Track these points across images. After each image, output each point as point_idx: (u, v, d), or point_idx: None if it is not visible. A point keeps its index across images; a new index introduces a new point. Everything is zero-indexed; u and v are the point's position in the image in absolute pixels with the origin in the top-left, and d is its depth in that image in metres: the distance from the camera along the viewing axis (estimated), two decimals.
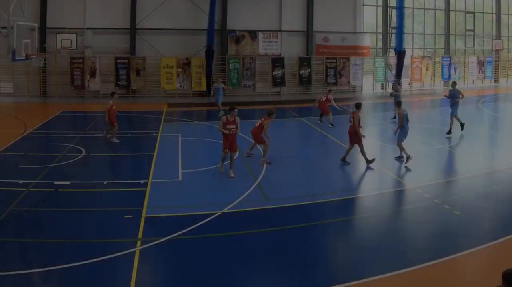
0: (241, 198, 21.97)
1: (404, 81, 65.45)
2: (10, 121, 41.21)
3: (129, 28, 56.29)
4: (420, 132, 37.04)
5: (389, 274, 14.90)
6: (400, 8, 62.12)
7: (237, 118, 25.28)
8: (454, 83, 36.61)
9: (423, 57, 67.77)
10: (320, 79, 61.99)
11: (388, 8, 66.64)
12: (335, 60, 61.96)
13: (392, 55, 65.61)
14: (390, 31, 66.56)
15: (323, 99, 40.13)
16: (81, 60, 54.47)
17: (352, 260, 16.53)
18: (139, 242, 17.14)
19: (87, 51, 55.50)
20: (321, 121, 40.94)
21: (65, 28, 53.98)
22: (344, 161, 28.08)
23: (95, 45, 55.99)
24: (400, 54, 63.25)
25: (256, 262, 16.11)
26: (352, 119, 27.63)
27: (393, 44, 65.50)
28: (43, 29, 53.43)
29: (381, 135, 37.09)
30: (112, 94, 35.29)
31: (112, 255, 15.98)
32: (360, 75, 63.25)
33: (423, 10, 70.29)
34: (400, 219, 20.10)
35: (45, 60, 50.64)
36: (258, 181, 24.54)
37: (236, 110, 25.19)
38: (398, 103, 30.68)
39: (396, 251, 16.80)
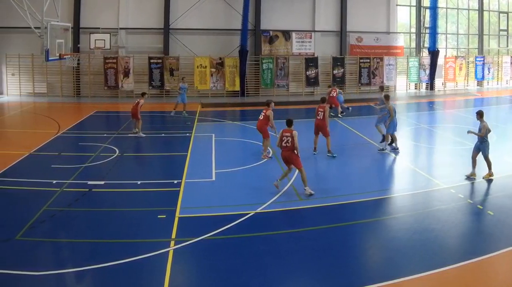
0: (275, 198, 21.41)
1: (438, 81, 63.70)
2: (44, 121, 40.49)
3: (162, 28, 54.87)
4: (454, 132, 36.66)
5: (422, 274, 14.59)
6: (433, 8, 60.41)
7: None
8: (382, 87, 34.48)
9: (456, 57, 65.28)
10: (353, 79, 60.08)
11: (422, 8, 64.32)
12: (368, 60, 59.99)
13: (425, 55, 63.55)
14: (424, 31, 64.31)
15: (334, 95, 41.83)
16: (114, 60, 53.32)
17: (385, 260, 16.06)
18: (172, 242, 16.83)
19: (120, 51, 54.44)
20: (342, 114, 42.96)
21: (98, 28, 52.78)
22: (315, 152, 29.24)
23: (128, 45, 55.06)
24: (434, 54, 61.60)
25: (289, 262, 15.63)
26: (321, 113, 28.88)
27: (426, 44, 63.52)
28: (76, 29, 52.63)
29: (415, 136, 35.94)
30: (143, 94, 35.80)
31: (146, 255, 15.68)
32: (394, 75, 61.24)
33: (456, 10, 67.65)
34: (433, 218, 19.25)
35: (78, 60, 49.73)
36: (292, 181, 23.68)
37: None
38: (386, 97, 30.73)
39: (430, 251, 16.26)
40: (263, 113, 28.77)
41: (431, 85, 63.17)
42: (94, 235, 17.63)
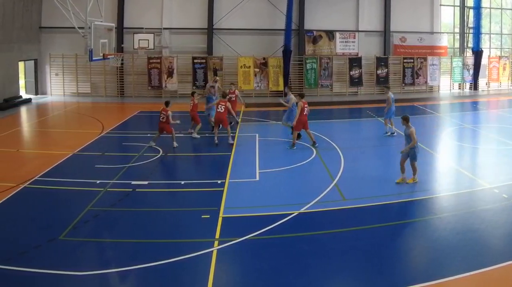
0: (319, 198, 20.88)
1: (482, 81, 60.44)
2: (88, 121, 39.56)
3: (206, 28, 52.53)
4: (497, 132, 35.71)
5: (465, 274, 14.28)
6: (477, 8, 57.20)
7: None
8: (387, 87, 33.13)
9: (500, 57, 61.46)
10: (397, 79, 56.82)
11: (466, 8, 60.65)
12: (412, 60, 56.77)
13: (469, 55, 60.06)
14: (468, 31, 60.67)
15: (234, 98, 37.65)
16: (158, 60, 51.34)
17: (428, 260, 15.50)
18: (216, 242, 16.54)
19: (164, 51, 52.25)
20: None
21: (142, 28, 50.18)
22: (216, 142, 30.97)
23: (172, 45, 52.80)
24: (478, 54, 58.21)
25: (333, 262, 15.39)
26: (223, 107, 30.87)
27: (470, 44, 59.95)
28: (120, 29, 50.73)
29: (458, 136, 34.74)
30: (193, 93, 34.56)
31: (190, 255, 15.46)
32: (438, 75, 57.95)
33: (500, 10, 63.49)
34: (477, 219, 18.68)
35: (122, 60, 46.92)
36: (335, 180, 23.28)
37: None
38: (387, 87, 34.38)
39: (473, 251, 15.85)
40: (224, 105, 30.56)
41: (474, 85, 59.84)
42: (137, 235, 17.30)
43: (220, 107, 30.34)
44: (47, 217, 18.77)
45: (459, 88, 61.44)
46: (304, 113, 29.60)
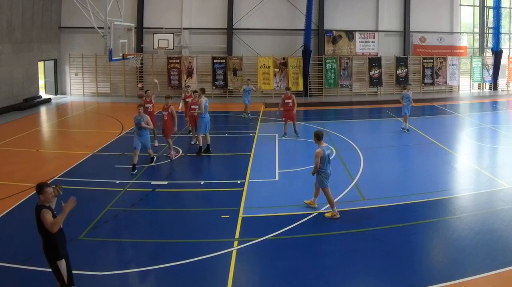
0: (338, 198, 20.36)
1: (502, 81, 58.90)
2: (107, 121, 39.19)
3: (226, 28, 51.67)
4: None
5: (485, 274, 14.08)
6: (497, 8, 55.84)
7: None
8: (202, 90, 31.27)
9: None
10: (417, 79, 55.55)
11: (485, 8, 59.12)
12: (432, 60, 55.52)
13: (489, 55, 58.59)
14: (487, 31, 59.20)
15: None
16: (178, 60, 50.55)
17: (448, 260, 15.32)
18: (236, 242, 16.37)
19: (184, 51, 51.39)
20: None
21: (162, 28, 49.40)
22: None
23: (192, 45, 51.97)
24: (497, 54, 56.83)
25: (353, 262, 15.12)
26: (166, 114, 27.82)
27: (490, 44, 58.50)
28: (140, 29, 50.07)
29: (478, 136, 34.03)
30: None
31: (209, 255, 15.32)
32: (457, 75, 56.62)
33: None
34: (497, 219, 18.36)
35: (142, 60, 46.20)
36: (355, 181, 22.94)
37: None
38: (407, 87, 34.67)
39: (493, 251, 15.55)
40: (168, 113, 27.53)
41: (494, 85, 58.37)
42: (157, 235, 17.23)
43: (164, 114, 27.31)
44: (67, 216, 18.22)
45: (478, 88, 60.01)
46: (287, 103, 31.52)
